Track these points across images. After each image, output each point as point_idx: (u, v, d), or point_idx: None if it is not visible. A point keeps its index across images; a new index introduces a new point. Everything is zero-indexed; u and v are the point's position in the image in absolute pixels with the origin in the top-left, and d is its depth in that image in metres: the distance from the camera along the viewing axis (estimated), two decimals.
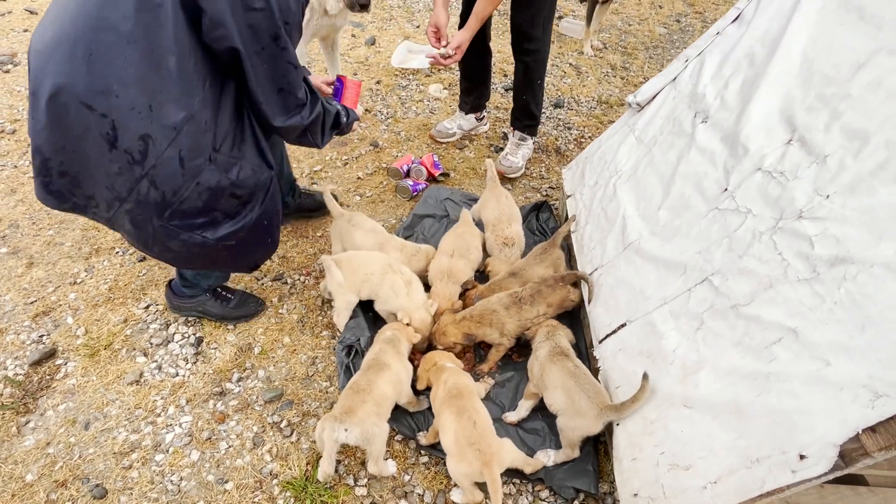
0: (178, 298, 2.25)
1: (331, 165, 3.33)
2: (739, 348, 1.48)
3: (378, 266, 2.22)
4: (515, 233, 2.55)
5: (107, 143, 1.56)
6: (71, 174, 1.65)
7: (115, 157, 1.58)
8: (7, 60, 3.98)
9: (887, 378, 1.14)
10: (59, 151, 1.60)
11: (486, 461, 1.63)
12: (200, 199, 1.71)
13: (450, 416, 1.75)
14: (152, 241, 1.78)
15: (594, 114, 4.08)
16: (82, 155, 1.60)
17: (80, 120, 1.52)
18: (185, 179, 1.65)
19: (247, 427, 1.97)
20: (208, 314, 2.29)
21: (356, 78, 4.22)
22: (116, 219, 1.73)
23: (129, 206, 1.67)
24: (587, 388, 1.79)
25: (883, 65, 1.50)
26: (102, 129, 1.53)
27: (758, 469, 1.30)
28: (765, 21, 2.00)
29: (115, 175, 1.61)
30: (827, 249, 1.38)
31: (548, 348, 1.96)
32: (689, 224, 1.86)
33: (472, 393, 1.84)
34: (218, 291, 2.29)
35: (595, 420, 1.75)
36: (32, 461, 1.82)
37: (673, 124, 2.20)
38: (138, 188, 1.63)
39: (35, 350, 2.14)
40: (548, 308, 2.16)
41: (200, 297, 2.25)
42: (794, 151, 1.62)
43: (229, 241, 1.85)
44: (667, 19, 5.87)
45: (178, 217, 1.72)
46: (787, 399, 1.30)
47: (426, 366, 2.00)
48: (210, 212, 1.76)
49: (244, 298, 2.36)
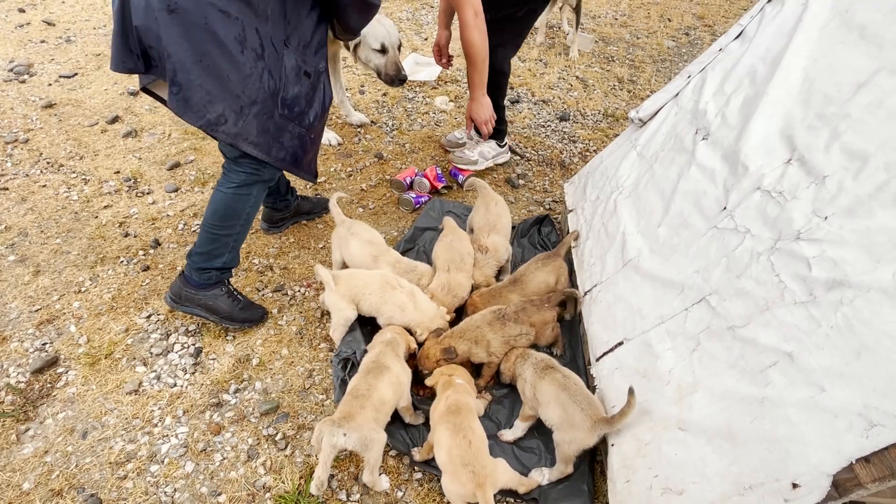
0: (189, 288, 2.23)
1: (335, 177, 3.35)
2: (734, 371, 1.46)
3: (376, 284, 2.21)
4: (492, 242, 2.55)
5: (239, 45, 1.75)
6: (206, 88, 1.78)
7: (246, 58, 1.77)
8: (24, 71, 4.08)
9: (882, 407, 1.12)
10: (197, 62, 1.75)
11: (480, 483, 1.62)
12: (296, 83, 1.95)
13: (445, 433, 1.75)
14: (273, 140, 1.97)
15: (600, 127, 4.07)
16: (215, 67, 1.76)
17: (219, 26, 1.71)
18: (280, 63, 1.87)
19: (242, 439, 1.97)
20: (216, 311, 2.27)
21: (363, 90, 4.26)
22: (243, 131, 1.88)
23: (256, 109, 1.87)
24: (580, 400, 1.78)
25: (884, 85, 1.48)
26: (235, 31, 1.73)
27: (750, 496, 1.27)
28: (767, 39, 1.99)
29: (246, 78, 1.80)
30: (824, 272, 1.36)
31: (531, 367, 1.94)
32: (688, 242, 1.84)
33: (470, 411, 1.83)
34: (231, 289, 2.31)
35: (589, 433, 1.74)
36: (30, 469, 1.84)
37: (674, 141, 2.19)
38: (262, 82, 1.83)
39: (37, 358, 2.17)
40: (530, 328, 2.14)
41: (214, 291, 2.25)
42: (793, 171, 1.60)
43: (313, 128, 2.09)
44: (675, 32, 5.85)
45: (287, 106, 1.94)
46: (782, 426, 1.28)
47: (442, 372, 1.99)
48: (297, 98, 1.98)
49: (250, 304, 2.38)
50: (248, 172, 2.07)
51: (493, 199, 2.70)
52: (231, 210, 2.12)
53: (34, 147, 3.36)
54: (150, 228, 2.85)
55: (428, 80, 4.46)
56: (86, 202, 2.99)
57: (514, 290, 2.33)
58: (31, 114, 3.66)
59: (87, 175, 3.17)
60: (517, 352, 2.08)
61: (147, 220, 2.90)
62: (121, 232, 2.80)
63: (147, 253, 2.70)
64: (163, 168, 3.28)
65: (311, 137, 2.11)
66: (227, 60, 1.76)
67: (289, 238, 2.86)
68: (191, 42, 1.71)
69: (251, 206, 2.16)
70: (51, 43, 4.56)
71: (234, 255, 2.26)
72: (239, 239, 2.23)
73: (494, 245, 2.55)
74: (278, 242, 2.83)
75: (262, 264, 2.69)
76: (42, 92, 3.89)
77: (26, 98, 3.82)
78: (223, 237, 2.17)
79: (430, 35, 5.25)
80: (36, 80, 4.03)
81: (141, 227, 2.85)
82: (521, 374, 1.98)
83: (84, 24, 4.90)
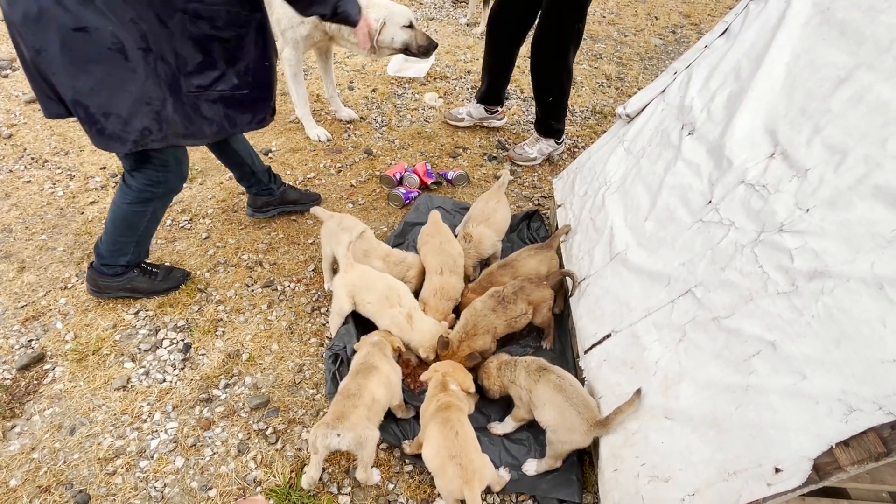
0: (103, 278, 2.30)
1: (324, 173, 3.35)
2: (719, 360, 1.49)
3: (376, 295, 2.18)
4: (478, 233, 2.58)
5: (118, 53, 1.66)
6: (113, 111, 1.74)
7: (134, 62, 1.68)
8: (6, 66, 4.01)
9: (861, 392, 1.15)
10: (90, 91, 1.69)
11: (467, 479, 1.59)
12: (197, 53, 1.79)
13: (434, 428, 1.75)
14: (197, 118, 1.89)
15: (588, 124, 4.11)
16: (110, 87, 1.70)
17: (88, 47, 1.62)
18: (171, 41, 1.73)
19: (232, 434, 1.97)
20: (137, 291, 2.36)
21: (352, 87, 4.25)
22: (171, 131, 1.86)
23: (170, 104, 1.80)
24: (577, 403, 1.76)
25: (863, 81, 1.51)
26: (105, 42, 1.63)
27: (734, 482, 1.30)
28: (751, 35, 2.02)
29: (144, 81, 1.72)
30: (806, 263, 1.39)
31: (523, 372, 1.92)
32: (674, 236, 1.87)
33: (461, 410, 1.83)
34: (144, 267, 2.37)
35: (585, 436, 1.74)
36: (17, 466, 1.82)
37: (661, 136, 2.22)
38: (158, 74, 1.74)
39: (23, 354, 2.15)
40: (528, 307, 2.16)
41: (128, 275, 2.32)
42: (776, 165, 1.63)
43: (243, 89, 1.95)
44: (662, 30, 5.91)
45: (193, 77, 1.82)
46: (764, 412, 1.31)
47: (437, 370, 1.96)
48: (213, 63, 1.84)
49: (169, 271, 2.45)
50: (142, 188, 2.07)
51: (497, 196, 2.73)
52: (128, 223, 2.18)
53: (18, 142, 3.32)
54: None
55: (417, 77, 4.47)
56: (71, 198, 2.95)
57: (506, 273, 2.36)
58: (13, 109, 3.61)
59: (73, 171, 3.13)
60: (495, 363, 2.03)
61: None
62: None
63: None
64: None
65: (244, 94, 1.97)
66: (116, 76, 1.69)
67: (278, 234, 2.85)
68: (72, 75, 1.66)
69: (148, 220, 2.21)
70: None
71: (140, 251, 2.32)
72: (142, 242, 2.30)
73: (480, 236, 2.57)
74: (268, 238, 2.82)
75: (252, 260, 2.68)
76: (25, 87, 3.83)
77: (9, 93, 3.76)
78: (124, 243, 2.24)
79: None
80: (19, 75, 3.97)
81: None
82: (514, 381, 1.94)
83: None
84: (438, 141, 3.74)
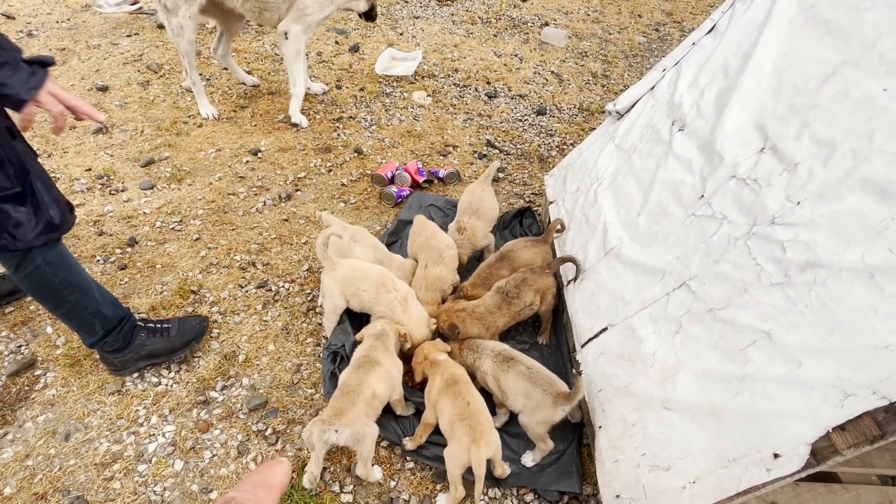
0: (113, 355, 2.02)
1: (315, 172, 3.33)
2: (715, 351, 1.52)
3: (371, 282, 2.20)
4: (471, 225, 2.62)
5: None
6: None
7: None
8: None
9: (855, 379, 1.19)
10: None
11: (475, 439, 1.68)
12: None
13: (447, 401, 1.82)
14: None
15: (576, 121, 4.14)
16: None
17: None
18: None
19: (231, 436, 1.96)
20: (156, 355, 2.09)
21: (340, 85, 4.23)
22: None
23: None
24: (542, 383, 1.85)
25: (848, 77, 1.56)
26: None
27: (734, 468, 1.34)
28: (738, 33, 2.07)
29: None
30: (798, 254, 1.43)
31: (489, 360, 1.98)
32: (668, 230, 1.91)
33: (467, 381, 1.90)
34: (149, 326, 2.08)
35: (552, 408, 1.81)
36: (11, 474, 1.79)
37: (651, 132, 2.26)
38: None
39: (13, 361, 2.11)
40: (535, 296, 2.19)
41: (135, 342, 2.04)
42: (766, 159, 1.67)
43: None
44: (646, 28, 5.98)
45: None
46: (761, 400, 1.35)
47: (418, 359, 2.03)
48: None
49: (181, 323, 2.16)
50: (9, 254, 1.68)
51: (483, 185, 2.79)
52: (44, 291, 1.79)
53: None
54: (125, 227, 2.78)
55: (405, 75, 4.46)
56: None
57: (503, 266, 2.39)
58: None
59: (57, 173, 3.07)
60: (462, 346, 2.10)
61: (122, 218, 2.83)
62: (95, 231, 2.73)
63: (124, 251, 2.64)
64: (136, 165, 3.20)
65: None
66: None
67: (270, 234, 2.84)
68: None
69: (54, 274, 1.76)
70: (11, 37, 4.38)
71: (107, 313, 1.94)
72: (88, 301, 1.88)
73: (473, 228, 2.61)
74: (259, 238, 2.80)
75: (245, 260, 2.66)
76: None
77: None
78: (72, 312, 1.87)
79: (406, 30, 5.24)
80: None
81: (116, 226, 2.78)
82: (478, 367, 2.01)
83: (46, 18, 4.73)
84: (428, 139, 3.75)
